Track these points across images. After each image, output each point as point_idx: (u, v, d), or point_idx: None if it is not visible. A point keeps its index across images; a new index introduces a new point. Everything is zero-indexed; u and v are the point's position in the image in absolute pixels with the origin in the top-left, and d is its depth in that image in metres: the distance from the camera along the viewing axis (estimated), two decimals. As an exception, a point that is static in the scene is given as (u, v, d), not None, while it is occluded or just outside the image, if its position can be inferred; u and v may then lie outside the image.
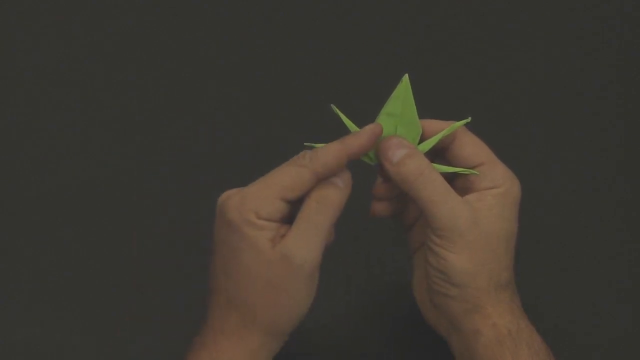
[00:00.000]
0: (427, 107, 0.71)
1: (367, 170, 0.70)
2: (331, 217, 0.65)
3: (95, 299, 0.80)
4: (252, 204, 0.65)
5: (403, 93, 0.67)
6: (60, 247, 0.82)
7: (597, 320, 0.79)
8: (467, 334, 0.68)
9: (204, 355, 0.66)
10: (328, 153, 0.65)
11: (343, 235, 0.72)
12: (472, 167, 0.69)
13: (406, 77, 0.67)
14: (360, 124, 0.68)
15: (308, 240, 0.65)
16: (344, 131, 0.68)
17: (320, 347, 0.77)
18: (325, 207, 0.65)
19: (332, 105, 0.68)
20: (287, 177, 0.65)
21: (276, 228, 0.65)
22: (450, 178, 0.70)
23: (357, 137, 0.66)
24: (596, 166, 0.86)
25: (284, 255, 0.64)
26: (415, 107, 0.67)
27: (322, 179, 0.65)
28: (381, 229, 0.82)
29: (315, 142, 0.68)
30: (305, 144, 0.68)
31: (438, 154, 0.70)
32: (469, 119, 0.69)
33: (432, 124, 0.69)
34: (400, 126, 0.68)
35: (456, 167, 0.69)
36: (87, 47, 0.92)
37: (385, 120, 0.68)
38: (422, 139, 0.69)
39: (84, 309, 0.79)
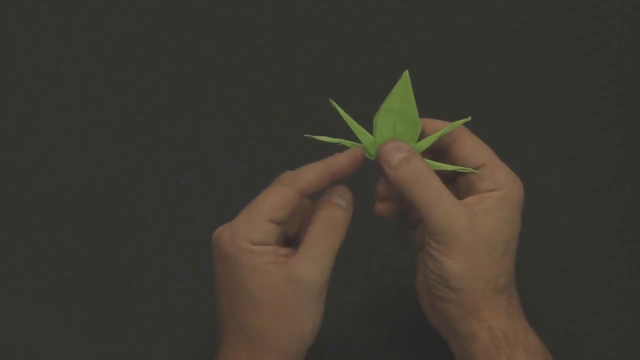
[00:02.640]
0: (427, 107, 0.71)
1: (369, 170, 0.70)
2: (339, 238, 0.66)
3: (95, 299, 0.80)
4: (243, 232, 0.65)
5: (403, 89, 0.67)
6: (60, 247, 0.82)
7: (597, 320, 0.79)
8: (464, 337, 0.68)
9: None
10: (310, 172, 0.66)
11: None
12: (474, 168, 0.68)
13: (406, 73, 0.67)
14: (362, 119, 0.68)
15: (318, 263, 0.65)
16: (343, 131, 0.68)
17: (320, 348, 0.77)
18: (333, 228, 0.66)
19: (330, 99, 0.68)
20: (272, 198, 0.65)
21: (274, 251, 0.65)
22: (452, 178, 0.70)
23: (340, 159, 0.66)
24: (596, 166, 0.86)
25: (295, 279, 0.64)
26: (415, 104, 0.67)
27: (306, 196, 0.66)
28: (383, 229, 0.82)
29: (317, 136, 0.68)
30: (305, 135, 0.68)
31: (439, 155, 0.70)
32: (469, 118, 0.69)
33: (432, 123, 0.69)
34: (399, 123, 0.67)
35: (456, 166, 0.69)
36: (87, 47, 0.92)
37: (385, 116, 0.67)
38: (422, 138, 0.68)
39: (84, 309, 0.79)
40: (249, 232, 0.65)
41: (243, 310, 0.65)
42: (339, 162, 0.66)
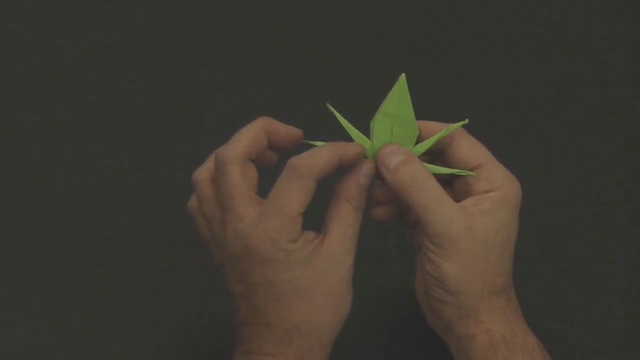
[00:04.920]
0: (426, 107, 0.71)
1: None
2: (361, 216, 0.66)
3: (94, 299, 0.80)
4: (283, 233, 0.64)
5: (400, 93, 0.67)
6: (60, 247, 0.82)
7: (597, 320, 0.79)
8: (461, 338, 0.68)
9: None
10: (323, 161, 0.65)
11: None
12: (470, 169, 0.68)
13: (403, 76, 0.67)
14: (359, 124, 0.68)
15: (350, 242, 0.65)
16: (341, 136, 0.68)
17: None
18: (358, 209, 0.66)
19: (328, 104, 0.68)
20: (299, 193, 0.64)
21: (308, 238, 0.65)
22: (449, 180, 0.70)
23: (347, 150, 0.66)
24: (597, 166, 0.86)
25: (335, 260, 0.65)
26: (412, 107, 0.67)
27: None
28: (382, 229, 0.82)
29: (314, 141, 0.68)
30: (303, 140, 0.68)
31: (436, 156, 0.70)
32: (467, 121, 0.69)
33: (429, 125, 0.69)
34: (397, 126, 0.67)
35: (454, 169, 0.69)
36: (87, 47, 0.92)
37: (382, 120, 0.67)
38: (420, 141, 0.68)
39: (83, 309, 0.79)
40: (289, 232, 0.64)
41: (289, 306, 0.65)
42: (347, 153, 0.66)
